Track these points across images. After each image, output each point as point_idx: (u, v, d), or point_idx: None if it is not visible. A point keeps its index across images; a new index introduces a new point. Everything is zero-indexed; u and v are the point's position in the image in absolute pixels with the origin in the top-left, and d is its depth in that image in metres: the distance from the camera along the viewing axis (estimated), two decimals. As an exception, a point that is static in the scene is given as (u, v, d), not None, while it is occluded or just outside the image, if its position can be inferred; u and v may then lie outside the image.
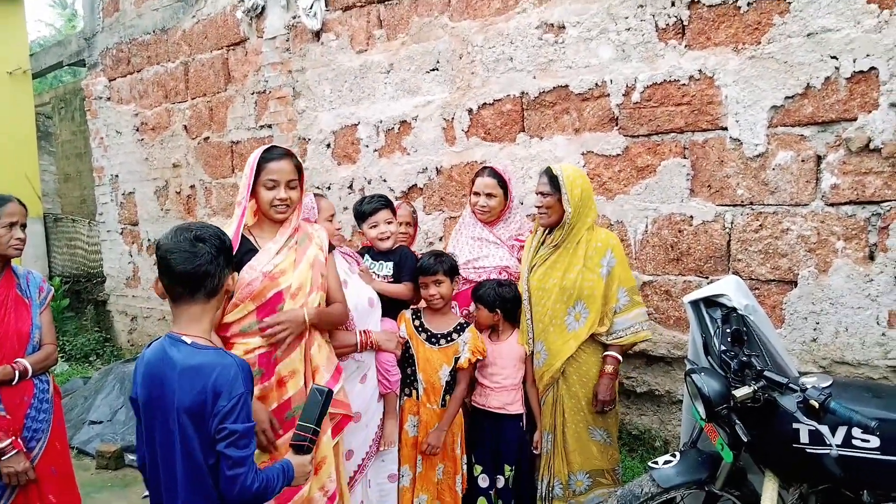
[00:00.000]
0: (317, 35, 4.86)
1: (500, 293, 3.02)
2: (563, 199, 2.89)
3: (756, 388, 2.14)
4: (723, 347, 2.34)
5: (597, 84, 3.60)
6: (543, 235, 3.08)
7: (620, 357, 2.96)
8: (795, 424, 2.11)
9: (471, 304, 3.15)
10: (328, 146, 4.91)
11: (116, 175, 6.98)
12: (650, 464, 2.46)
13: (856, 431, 2.03)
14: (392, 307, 3.03)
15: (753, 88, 3.13)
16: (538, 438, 3.04)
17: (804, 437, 2.11)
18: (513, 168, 3.86)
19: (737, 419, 2.18)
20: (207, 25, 5.75)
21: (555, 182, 2.91)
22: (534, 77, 3.83)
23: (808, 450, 2.10)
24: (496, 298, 3.02)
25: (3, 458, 2.59)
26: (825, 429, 2.04)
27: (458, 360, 2.95)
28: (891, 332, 2.91)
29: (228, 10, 5.51)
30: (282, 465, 1.84)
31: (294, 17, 4.98)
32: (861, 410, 1.95)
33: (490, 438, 3.02)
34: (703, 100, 3.28)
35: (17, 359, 2.72)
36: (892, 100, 2.81)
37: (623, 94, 3.51)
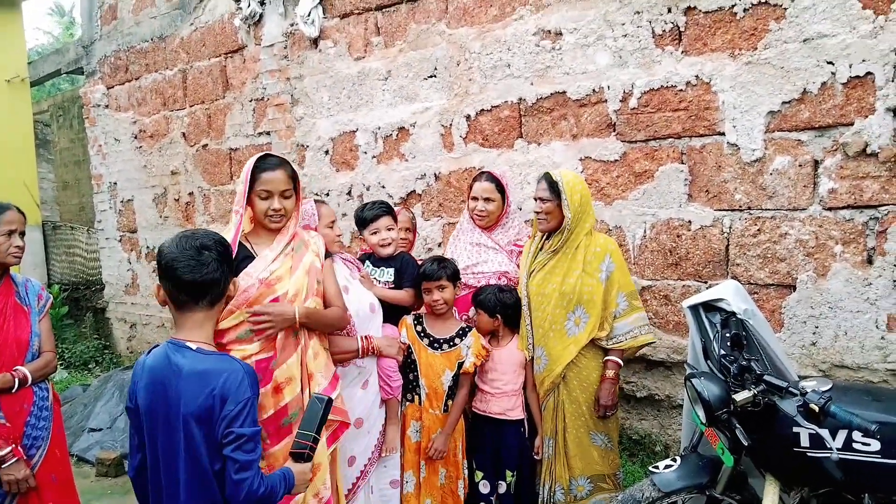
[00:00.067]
0: (315, 42, 4.87)
1: (501, 299, 3.02)
2: (564, 205, 2.90)
3: (756, 393, 2.15)
4: (722, 352, 2.34)
5: (594, 90, 3.61)
6: (542, 241, 3.08)
7: (621, 361, 2.96)
8: (796, 428, 2.12)
9: (470, 310, 3.16)
10: (326, 153, 4.91)
11: (115, 182, 6.98)
12: (651, 468, 2.47)
13: (856, 435, 2.03)
14: (393, 313, 3.03)
15: (750, 94, 3.14)
16: (539, 444, 3.04)
17: (804, 441, 2.11)
18: (511, 174, 3.87)
19: (737, 423, 2.18)
20: (205, 33, 5.76)
21: (554, 188, 2.92)
22: (531, 83, 3.84)
23: (809, 453, 2.11)
24: (497, 304, 3.02)
25: (4, 466, 2.59)
26: (825, 432, 2.05)
27: (463, 365, 2.95)
28: (890, 336, 2.91)
29: (226, 18, 5.53)
30: (282, 473, 1.84)
31: (292, 25, 4.99)
32: (861, 414, 1.96)
33: (491, 444, 3.01)
34: (701, 105, 3.29)
35: (17, 367, 2.72)
36: (889, 104, 2.83)
37: (620, 100, 3.52)
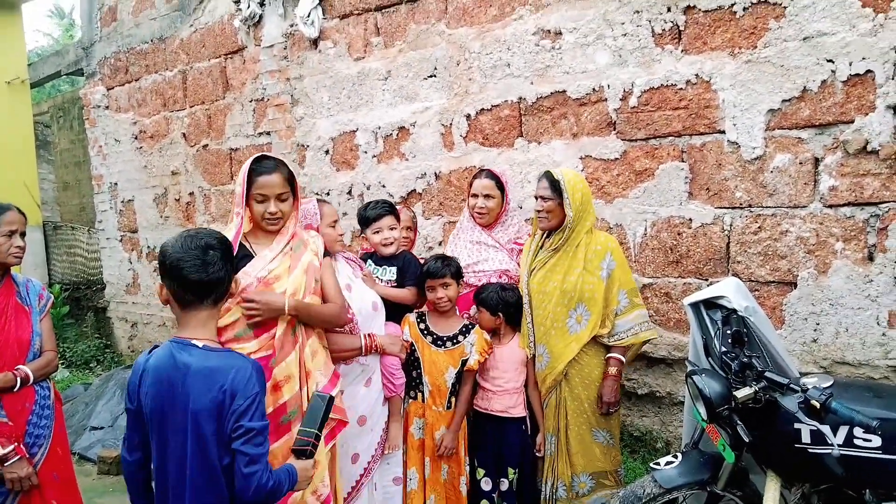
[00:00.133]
0: (314, 43, 4.88)
1: (503, 297, 3.02)
2: (565, 204, 2.90)
3: (757, 389, 2.15)
4: (723, 349, 2.35)
5: (594, 89, 3.61)
6: (542, 239, 3.09)
7: (623, 359, 2.97)
8: (797, 424, 2.12)
9: (471, 308, 3.16)
10: (327, 153, 4.92)
11: (115, 183, 6.99)
12: (652, 465, 2.47)
13: (857, 431, 2.04)
14: (395, 312, 3.04)
15: (750, 92, 3.15)
16: (541, 441, 3.04)
17: (806, 437, 2.12)
18: (511, 173, 3.87)
19: (738, 420, 2.18)
20: (205, 34, 5.77)
21: (556, 186, 2.92)
22: (531, 83, 3.84)
23: (810, 450, 2.11)
24: (499, 302, 3.02)
25: (7, 465, 2.60)
26: (827, 429, 2.05)
27: (467, 363, 2.96)
28: (891, 332, 2.91)
29: (226, 19, 5.53)
30: (286, 469, 1.85)
31: (292, 26, 5.00)
32: (862, 410, 1.96)
33: (493, 442, 3.02)
34: (701, 104, 3.30)
35: (19, 366, 2.73)
36: (889, 102, 2.83)
37: (620, 99, 3.53)
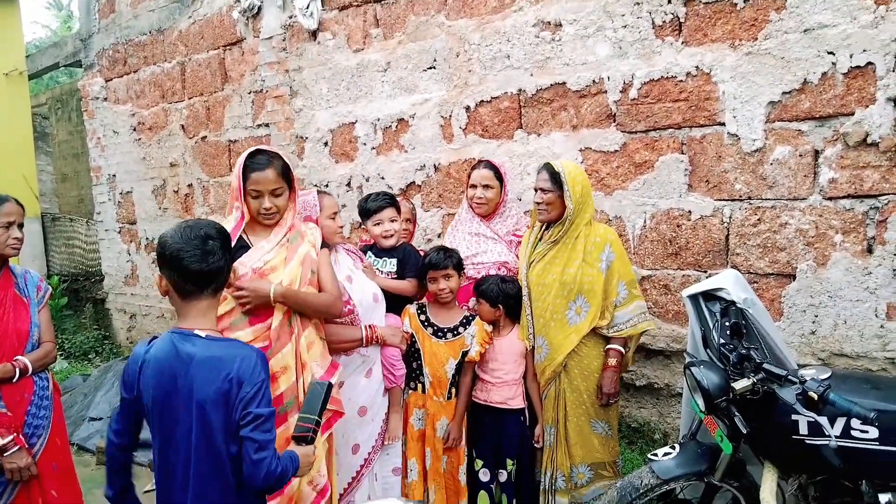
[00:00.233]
0: (313, 34, 4.86)
1: (504, 289, 3.02)
2: (566, 196, 2.90)
3: (755, 381, 2.16)
4: (722, 340, 2.35)
5: (594, 81, 3.60)
6: (541, 231, 3.08)
7: (623, 350, 2.97)
8: (794, 416, 2.13)
9: (470, 300, 3.16)
10: (326, 144, 4.91)
11: (114, 174, 6.98)
12: (650, 456, 2.48)
13: (854, 422, 2.05)
14: (395, 303, 3.04)
15: (751, 84, 3.14)
16: (539, 433, 3.05)
17: (803, 429, 2.12)
18: (511, 165, 3.86)
19: (736, 411, 2.19)
20: (204, 26, 5.74)
21: (556, 178, 2.91)
22: (531, 74, 3.83)
23: (808, 441, 2.12)
24: (499, 294, 3.02)
25: (6, 455, 2.61)
26: (824, 420, 2.06)
27: (468, 354, 2.96)
28: (889, 325, 2.92)
29: (225, 11, 5.51)
30: (289, 455, 1.86)
31: (290, 17, 4.98)
32: (860, 402, 1.96)
33: (491, 433, 3.02)
34: (701, 96, 3.29)
35: (17, 357, 2.74)
36: (889, 94, 2.82)
37: (620, 91, 3.52)
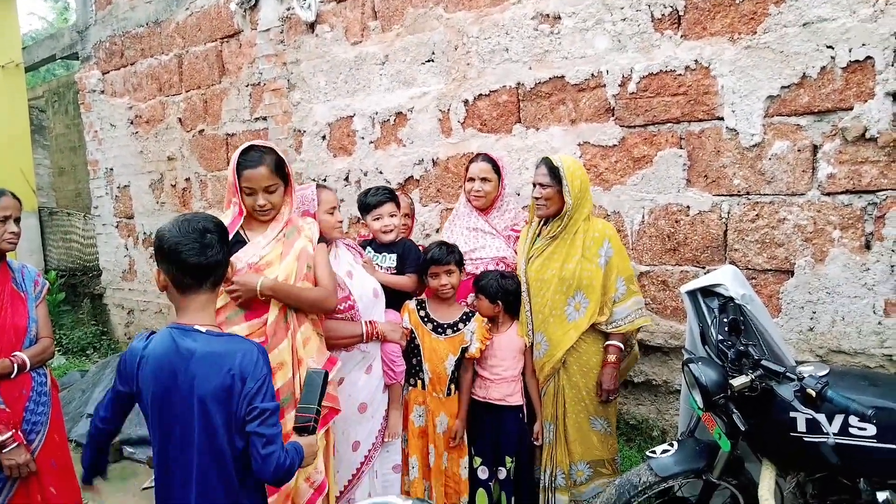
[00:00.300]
0: (311, 27, 4.83)
1: (503, 285, 3.02)
2: (565, 191, 2.89)
3: (753, 377, 2.16)
4: (720, 337, 2.35)
5: (593, 74, 3.58)
6: (539, 227, 3.08)
7: (622, 346, 2.97)
8: (792, 413, 2.12)
9: (469, 296, 3.16)
10: (323, 138, 4.89)
11: (111, 168, 6.95)
12: (648, 453, 2.48)
13: (852, 420, 2.04)
14: (393, 299, 3.03)
15: (749, 78, 3.12)
16: (538, 430, 3.05)
17: (801, 426, 2.12)
18: (509, 159, 3.85)
19: (734, 408, 2.19)
20: (201, 18, 5.71)
21: (555, 173, 2.90)
22: (530, 68, 3.81)
23: (806, 438, 2.12)
24: (499, 290, 3.01)
25: (4, 451, 2.60)
26: (822, 417, 2.05)
27: (468, 350, 2.96)
28: (887, 321, 2.91)
29: (222, 2, 5.47)
30: (294, 446, 1.86)
31: (288, 9, 4.95)
32: (858, 399, 1.96)
33: (490, 430, 3.02)
34: (700, 90, 3.27)
35: (15, 352, 2.73)
36: (888, 89, 2.81)
37: (619, 85, 3.50)
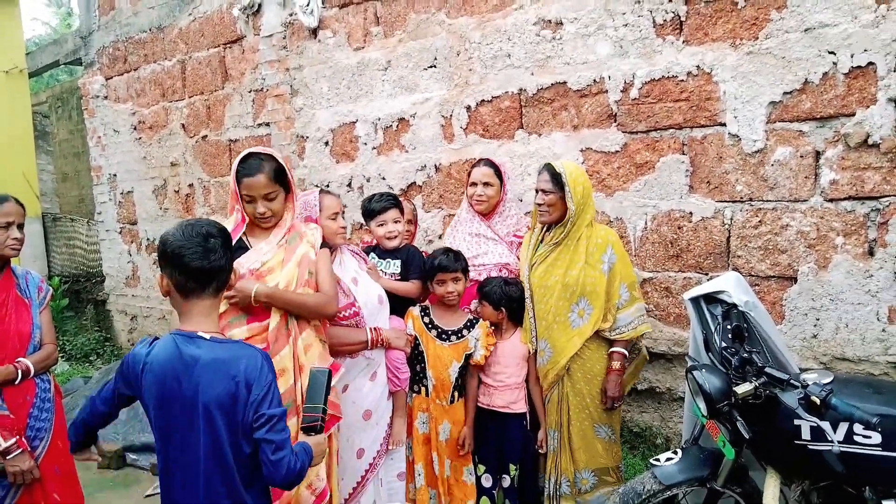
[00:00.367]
0: (314, 32, 4.85)
1: (507, 292, 3.01)
2: (567, 198, 2.88)
3: (757, 385, 2.15)
4: (723, 344, 2.34)
5: (595, 80, 3.59)
6: (542, 233, 3.07)
7: (627, 353, 2.96)
8: (797, 421, 2.11)
9: (472, 302, 3.15)
10: (326, 144, 4.90)
11: (114, 174, 6.97)
12: (652, 461, 2.47)
13: (857, 427, 2.03)
14: (397, 305, 3.03)
15: (751, 84, 3.12)
16: (542, 437, 3.04)
17: (806, 434, 2.11)
18: (511, 165, 3.85)
19: (738, 416, 2.18)
20: (204, 23, 5.73)
21: (557, 179, 2.90)
22: (532, 74, 3.82)
23: (810, 446, 2.11)
24: (503, 297, 3.01)
25: (9, 458, 2.60)
26: (827, 425, 2.04)
27: (473, 357, 2.96)
28: (891, 328, 2.91)
29: (225, 8, 5.49)
30: (302, 447, 1.86)
31: (291, 15, 4.96)
32: (862, 406, 1.96)
33: (494, 438, 3.01)
34: (702, 96, 3.27)
35: (19, 358, 2.73)
36: (890, 95, 2.81)
37: (621, 91, 3.51)
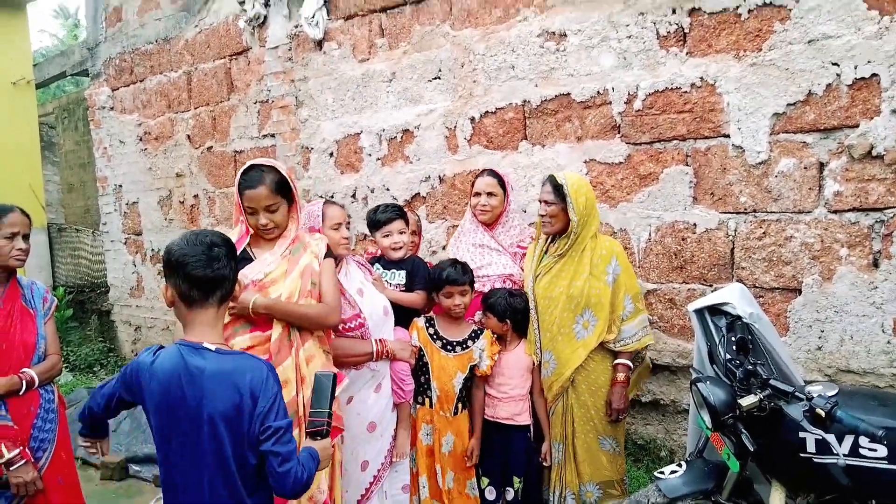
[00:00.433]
0: (319, 44, 4.87)
1: (512, 303, 3.01)
2: (569, 209, 2.89)
3: (762, 397, 2.14)
4: (728, 356, 2.33)
5: (598, 92, 3.60)
6: (546, 244, 3.07)
7: (631, 364, 2.95)
8: (802, 433, 2.10)
9: (476, 313, 3.15)
10: (331, 155, 4.91)
11: (120, 185, 7.00)
12: (656, 474, 2.46)
13: (863, 440, 2.02)
14: (401, 316, 3.03)
15: (755, 95, 3.13)
16: (546, 450, 3.03)
17: (811, 447, 2.10)
18: (515, 176, 3.86)
19: (743, 428, 2.17)
20: (210, 35, 5.77)
21: (559, 191, 2.91)
22: (535, 85, 3.83)
23: (815, 459, 2.09)
24: (507, 308, 3.01)
25: (12, 469, 2.59)
26: (832, 438, 2.03)
27: (479, 367, 2.96)
28: (896, 340, 2.90)
29: (231, 20, 5.53)
30: (309, 452, 1.87)
31: (296, 27, 5.00)
32: (868, 419, 1.94)
33: (498, 450, 3.00)
34: (705, 107, 3.28)
35: (24, 369, 2.73)
36: (894, 106, 2.81)
37: (625, 102, 3.51)
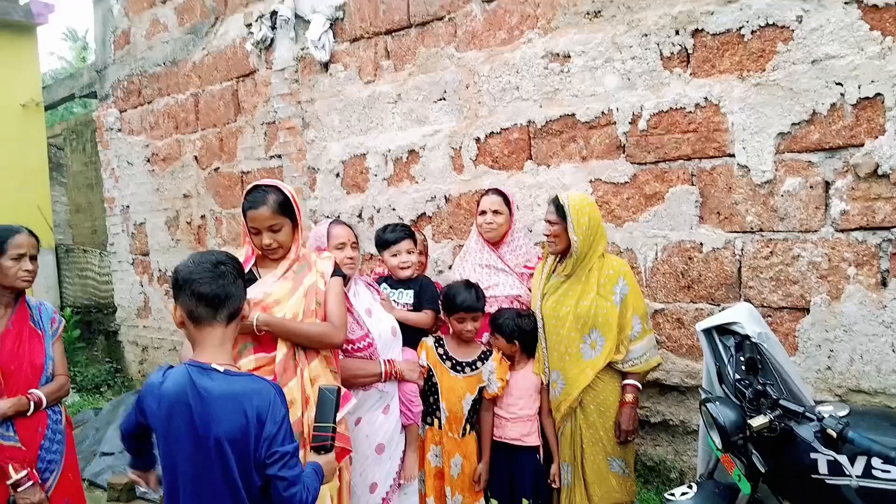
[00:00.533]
0: (325, 66, 4.93)
1: (520, 324, 3.01)
2: (570, 228, 2.89)
3: (772, 418, 2.11)
4: (737, 376, 2.32)
5: (603, 112, 3.62)
6: (554, 264, 3.08)
7: (640, 385, 2.94)
8: (813, 454, 2.08)
9: (484, 335, 3.15)
10: (337, 175, 4.94)
11: (127, 206, 7.04)
12: (667, 495, 2.43)
13: (876, 461, 1.99)
14: (408, 335, 3.02)
15: (760, 115, 3.14)
16: (555, 471, 3.00)
17: (823, 468, 2.08)
18: (520, 196, 3.87)
19: (753, 449, 2.15)
20: (217, 57, 5.84)
21: (561, 211, 2.91)
22: (540, 106, 3.86)
23: (828, 480, 2.07)
24: (515, 329, 3.01)
25: (20, 490, 2.59)
26: (844, 459, 2.00)
27: (488, 389, 2.95)
28: (906, 359, 2.88)
29: (238, 43, 5.60)
30: (313, 468, 1.86)
31: (303, 49, 5.05)
32: (880, 440, 1.92)
33: (506, 471, 2.98)
34: (710, 127, 3.29)
35: (32, 390, 2.73)
36: (899, 125, 2.82)
37: (629, 122, 3.53)
